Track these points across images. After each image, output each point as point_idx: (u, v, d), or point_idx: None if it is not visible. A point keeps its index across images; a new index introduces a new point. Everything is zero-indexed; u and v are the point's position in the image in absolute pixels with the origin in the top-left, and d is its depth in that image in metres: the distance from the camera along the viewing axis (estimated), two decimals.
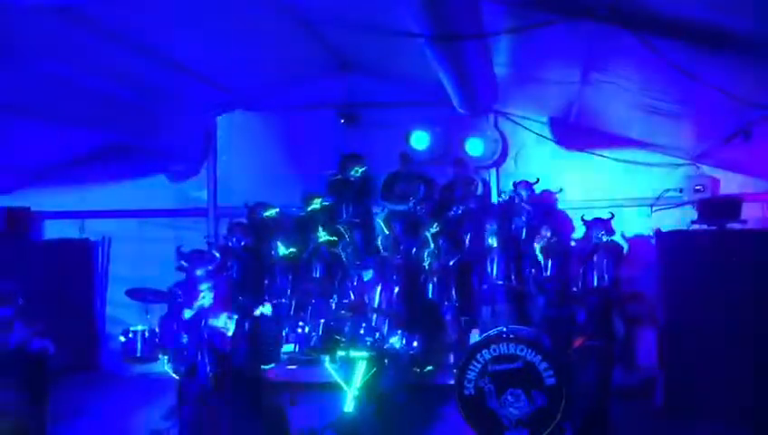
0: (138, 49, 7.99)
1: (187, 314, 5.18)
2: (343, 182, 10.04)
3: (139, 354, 7.33)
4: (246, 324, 5.46)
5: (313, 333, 7.77)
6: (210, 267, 5.36)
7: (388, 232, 9.56)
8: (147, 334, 7.41)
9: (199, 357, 5.09)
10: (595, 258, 8.77)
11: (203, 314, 5.16)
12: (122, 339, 7.38)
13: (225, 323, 5.13)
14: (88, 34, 7.29)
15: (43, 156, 10.41)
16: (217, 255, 5.68)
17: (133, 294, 8.48)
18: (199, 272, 5.31)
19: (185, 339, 5.15)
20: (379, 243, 9.46)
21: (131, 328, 7.53)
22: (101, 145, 10.39)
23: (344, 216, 9.96)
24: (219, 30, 7.89)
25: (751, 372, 7.42)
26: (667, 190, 9.50)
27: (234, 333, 5.15)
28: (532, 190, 9.58)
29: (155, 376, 8.37)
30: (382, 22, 6.80)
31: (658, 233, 8.52)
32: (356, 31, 7.90)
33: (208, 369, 5.02)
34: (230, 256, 9.17)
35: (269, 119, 10.83)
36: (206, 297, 5.21)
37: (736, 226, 8.44)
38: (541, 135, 10.09)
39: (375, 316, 7.69)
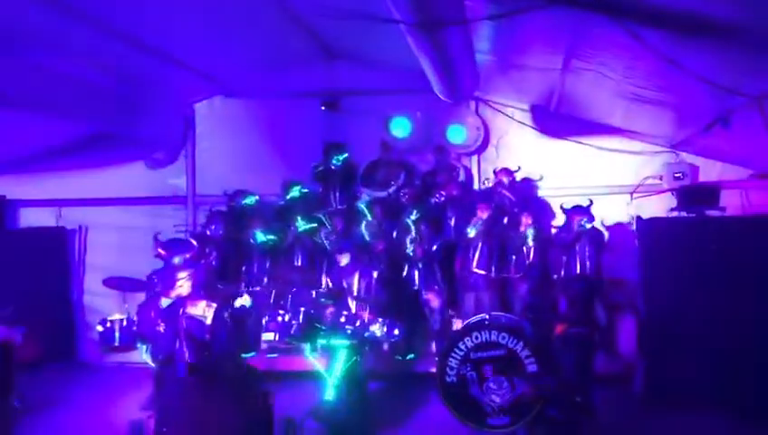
0: (116, 35, 7.87)
1: (165, 302, 5.11)
2: (327, 171, 10.01)
3: (116, 344, 7.23)
4: (226, 313, 5.39)
5: (294, 322, 7.72)
6: (188, 255, 5.30)
7: (371, 218, 9.53)
8: (125, 324, 7.32)
9: (177, 346, 5.02)
10: (577, 246, 8.80)
11: (180, 302, 5.09)
12: (100, 328, 7.27)
13: (204, 311, 5.07)
14: (65, 21, 7.17)
15: (20, 145, 10.24)
16: (195, 243, 5.60)
17: (111, 283, 8.38)
18: (177, 260, 5.25)
19: (162, 328, 5.08)
20: (363, 229, 9.41)
21: (109, 317, 7.43)
22: (79, 133, 10.26)
23: (333, 204, 9.94)
24: (200, 15, 7.79)
25: (730, 359, 7.49)
26: (647, 178, 9.54)
27: (213, 322, 5.09)
28: (513, 178, 9.59)
29: (133, 366, 8.31)
30: (364, 8, 6.72)
31: (638, 220, 8.55)
32: (338, 18, 7.81)
33: (187, 357, 4.95)
34: (209, 244, 9.10)
35: (249, 106, 10.72)
36: (183, 286, 5.14)
37: (715, 213, 8.50)
38: (522, 122, 10.08)
39: (354, 303, 7.66)
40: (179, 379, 5.00)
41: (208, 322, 5.05)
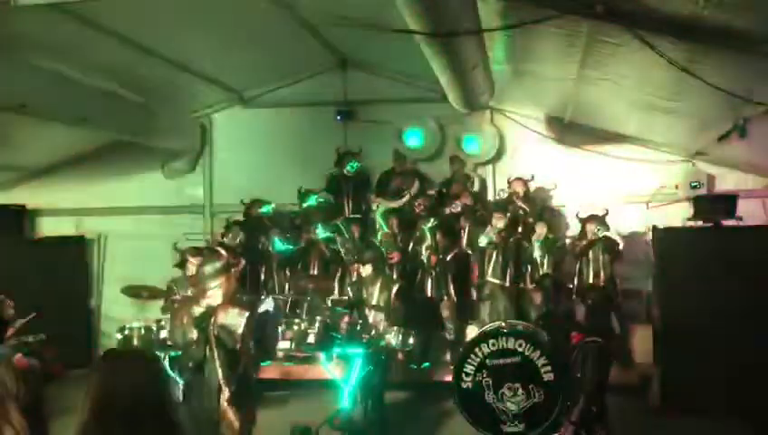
0: (136, 47, 8.00)
1: (197, 310, 5.06)
2: (341, 178, 10.05)
3: None
4: (253, 322, 5.36)
5: (310, 331, 7.75)
6: (218, 265, 5.25)
7: (386, 228, 9.55)
8: (143, 331, 7.39)
9: (208, 354, 4.99)
10: (591, 254, 8.80)
11: (212, 311, 5.05)
12: (119, 336, 7.35)
13: (236, 320, 5.03)
14: (86, 32, 7.30)
15: (41, 154, 10.41)
16: (224, 252, 5.56)
17: (129, 291, 8.47)
18: (208, 269, 5.19)
19: (193, 336, 5.04)
20: (378, 238, 9.44)
21: (127, 325, 7.51)
22: (99, 143, 10.40)
23: (346, 211, 9.98)
24: (217, 27, 7.89)
25: (746, 369, 7.43)
26: (663, 187, 9.50)
27: (243, 331, 5.05)
28: (528, 187, 9.60)
29: None
30: (380, 19, 6.79)
31: (654, 229, 8.53)
32: (353, 28, 7.89)
33: (218, 365, 4.94)
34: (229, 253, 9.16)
35: (266, 116, 10.80)
36: (214, 295, 5.09)
37: (732, 222, 8.46)
38: (537, 132, 10.09)
39: (373, 313, 7.68)
40: (209, 388, 4.96)
41: (240, 330, 5.01)
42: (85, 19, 7.06)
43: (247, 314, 5.01)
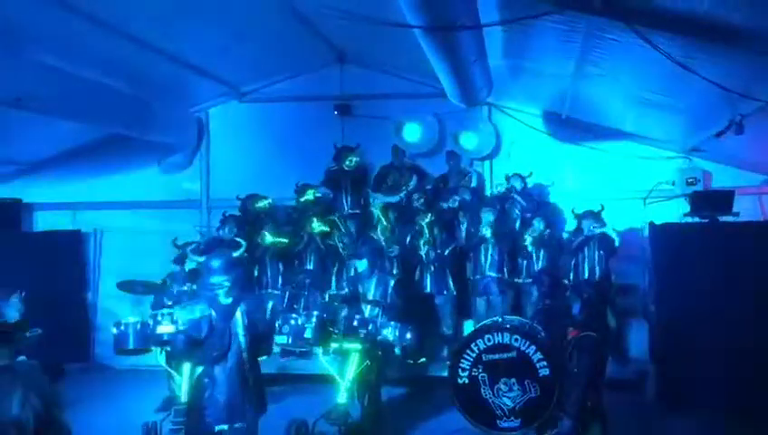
0: (133, 40, 7.96)
1: (224, 300, 5.03)
2: (340, 173, 10.04)
3: (131, 346, 7.25)
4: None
5: (307, 325, 7.73)
6: (236, 254, 5.22)
7: (386, 223, 9.55)
8: (139, 326, 7.34)
9: (230, 342, 4.99)
10: (586, 250, 8.81)
11: (240, 300, 5.05)
12: (114, 331, 7.30)
13: (264, 306, 5.04)
14: (83, 25, 7.27)
15: (37, 148, 10.37)
16: (243, 243, 5.53)
17: (125, 285, 8.45)
18: (215, 263, 5.14)
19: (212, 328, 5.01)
20: (379, 233, 9.42)
21: (123, 320, 7.46)
22: (95, 137, 10.37)
23: (345, 207, 9.96)
24: (214, 21, 7.86)
25: (742, 364, 7.45)
26: (660, 183, 9.51)
27: (270, 319, 5.07)
28: (525, 183, 9.61)
29: (147, 368, 8.37)
30: (378, 13, 6.77)
31: (651, 225, 8.54)
32: (351, 22, 7.87)
33: (245, 355, 4.95)
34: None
35: (263, 110, 10.79)
36: (234, 287, 5.06)
37: (729, 218, 8.47)
38: (534, 128, 10.10)
39: (369, 308, 7.67)
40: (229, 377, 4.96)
41: (268, 315, 5.03)
42: (81, 12, 7.03)
43: (272, 302, 5.05)
